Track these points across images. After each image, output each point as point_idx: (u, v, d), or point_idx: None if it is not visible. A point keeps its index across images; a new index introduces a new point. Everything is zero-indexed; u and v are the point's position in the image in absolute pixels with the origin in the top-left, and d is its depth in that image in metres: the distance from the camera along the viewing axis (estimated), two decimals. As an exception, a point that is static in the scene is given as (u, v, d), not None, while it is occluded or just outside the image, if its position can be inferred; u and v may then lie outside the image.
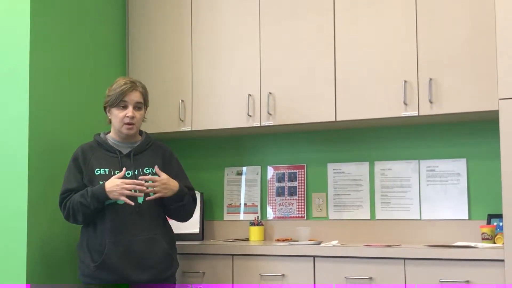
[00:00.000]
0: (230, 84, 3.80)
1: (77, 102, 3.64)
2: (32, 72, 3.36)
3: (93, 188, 3.03)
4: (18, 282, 3.21)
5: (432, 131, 3.66)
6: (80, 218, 3.07)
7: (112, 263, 3.04)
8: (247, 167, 4.12)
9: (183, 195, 3.16)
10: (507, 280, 2.85)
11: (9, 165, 3.34)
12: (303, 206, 3.94)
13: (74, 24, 3.68)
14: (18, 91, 3.35)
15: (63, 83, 3.57)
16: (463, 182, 3.57)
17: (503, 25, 2.95)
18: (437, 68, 3.33)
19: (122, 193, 2.98)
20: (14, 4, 3.42)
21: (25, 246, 3.23)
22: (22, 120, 3.32)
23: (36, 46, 3.39)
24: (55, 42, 3.54)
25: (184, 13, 3.96)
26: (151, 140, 3.29)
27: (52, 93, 3.49)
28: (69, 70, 3.62)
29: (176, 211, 3.21)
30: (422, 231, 3.61)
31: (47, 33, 3.48)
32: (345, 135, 3.86)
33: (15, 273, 3.23)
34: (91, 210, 3.02)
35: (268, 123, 3.70)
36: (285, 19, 3.69)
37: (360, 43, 3.51)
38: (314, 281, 3.26)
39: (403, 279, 3.09)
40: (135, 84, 3.18)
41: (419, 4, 3.39)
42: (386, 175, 3.74)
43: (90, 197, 3.00)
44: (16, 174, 3.31)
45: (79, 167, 3.14)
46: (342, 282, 3.19)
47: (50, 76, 3.49)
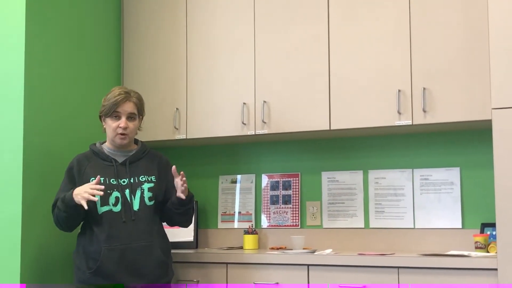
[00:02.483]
0: (225, 93, 3.81)
1: (72, 111, 3.64)
2: (27, 80, 3.36)
3: (66, 193, 3.05)
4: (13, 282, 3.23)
5: (425, 140, 3.67)
6: (62, 224, 3.11)
7: (108, 270, 3.05)
8: (242, 175, 4.12)
9: (192, 196, 3.21)
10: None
11: (4, 171, 3.33)
12: (297, 214, 3.94)
13: (70, 33, 3.69)
14: (13, 99, 3.35)
15: (58, 92, 3.58)
16: (456, 191, 3.58)
17: (496, 35, 2.97)
18: (431, 77, 3.35)
19: (83, 196, 2.98)
20: (9, 12, 3.42)
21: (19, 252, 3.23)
22: (17, 128, 3.31)
23: (31, 55, 3.39)
24: (50, 51, 3.54)
25: (179, 22, 3.97)
26: (147, 148, 3.30)
27: (47, 101, 3.49)
28: (64, 79, 3.62)
29: (182, 214, 3.22)
30: (416, 239, 3.62)
31: (42, 42, 3.48)
32: (339, 143, 3.87)
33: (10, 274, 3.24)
34: (65, 215, 3.04)
35: (263, 132, 3.70)
36: (280, 27, 3.71)
37: (355, 52, 3.52)
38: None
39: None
40: (129, 94, 3.19)
41: (413, 14, 3.41)
42: (380, 184, 3.76)
43: (61, 201, 3.05)
44: (11, 180, 3.30)
45: (72, 177, 3.16)
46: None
47: (45, 85, 3.49)
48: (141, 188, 3.15)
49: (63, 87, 3.61)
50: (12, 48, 3.39)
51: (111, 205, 3.10)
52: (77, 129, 3.63)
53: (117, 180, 3.14)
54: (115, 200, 3.11)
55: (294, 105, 3.64)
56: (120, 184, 3.13)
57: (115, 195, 3.11)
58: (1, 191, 3.33)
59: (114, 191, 3.12)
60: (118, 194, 3.12)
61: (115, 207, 3.10)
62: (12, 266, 3.24)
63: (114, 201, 3.11)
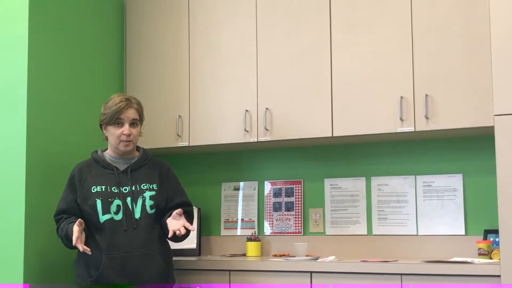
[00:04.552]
0: (227, 100, 3.82)
1: (75, 117, 3.65)
2: (30, 87, 3.37)
3: (69, 227, 3.04)
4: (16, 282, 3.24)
5: (428, 146, 3.67)
6: (66, 246, 3.11)
7: (108, 278, 3.05)
8: (244, 183, 4.12)
9: (188, 234, 3.16)
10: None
11: (8, 175, 3.35)
12: (300, 221, 3.94)
13: (73, 40, 3.70)
14: (16, 105, 3.36)
15: (61, 98, 3.59)
16: (459, 198, 3.58)
17: (498, 42, 2.97)
18: (433, 84, 3.35)
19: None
20: (12, 18, 3.44)
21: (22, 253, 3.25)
22: (20, 133, 3.33)
23: (34, 62, 3.40)
24: (53, 58, 3.55)
25: (182, 29, 3.98)
26: (149, 155, 3.30)
27: (50, 108, 3.50)
28: (67, 85, 3.63)
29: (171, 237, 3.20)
30: (418, 246, 3.61)
31: (45, 49, 3.50)
32: (342, 150, 3.87)
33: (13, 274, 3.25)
34: (70, 245, 3.04)
35: (265, 139, 3.71)
36: (282, 35, 3.72)
37: (357, 59, 3.53)
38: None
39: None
40: (130, 101, 3.19)
41: (415, 20, 3.41)
42: (383, 191, 3.75)
43: (65, 236, 3.06)
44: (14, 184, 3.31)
45: (73, 187, 3.17)
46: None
47: (48, 92, 3.50)
48: (142, 196, 3.15)
49: (66, 94, 3.62)
50: (16, 54, 3.40)
51: (113, 213, 3.10)
52: (80, 135, 3.64)
53: (119, 188, 3.14)
54: (116, 208, 3.11)
55: (297, 112, 3.64)
56: (121, 192, 3.13)
57: (116, 203, 3.11)
58: (5, 195, 3.34)
59: (116, 199, 3.12)
60: (120, 202, 3.11)
61: (117, 215, 3.10)
62: (15, 266, 3.24)
63: (115, 209, 3.11)
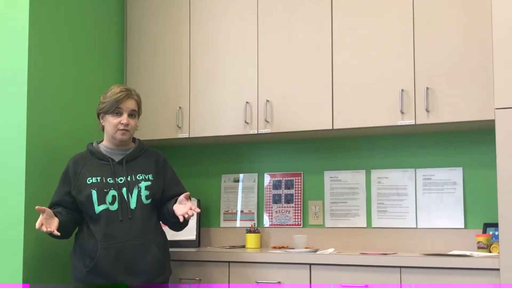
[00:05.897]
0: (228, 92, 3.82)
1: (75, 110, 3.65)
2: (30, 80, 3.35)
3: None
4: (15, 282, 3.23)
5: (428, 140, 3.67)
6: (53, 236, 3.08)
7: (104, 268, 3.06)
8: (244, 174, 4.12)
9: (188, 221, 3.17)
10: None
11: (7, 170, 3.34)
12: (299, 213, 3.94)
13: (73, 33, 3.69)
14: (16, 99, 3.35)
15: (62, 91, 3.58)
16: (459, 191, 3.58)
17: (499, 35, 2.96)
18: (434, 77, 3.35)
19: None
20: (13, 12, 3.42)
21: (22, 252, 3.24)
22: (20, 127, 3.32)
23: (34, 55, 3.39)
24: (53, 51, 3.54)
25: (182, 21, 3.97)
26: (144, 146, 3.30)
27: (50, 101, 3.49)
28: (67, 78, 3.62)
29: (175, 225, 3.22)
30: (418, 239, 3.62)
31: (45, 43, 3.49)
32: (342, 143, 3.87)
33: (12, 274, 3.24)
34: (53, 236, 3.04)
35: (265, 131, 3.70)
36: (283, 27, 3.71)
37: (357, 52, 3.52)
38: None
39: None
40: (131, 92, 3.20)
41: (416, 13, 3.41)
42: (383, 183, 3.75)
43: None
44: (14, 179, 3.30)
45: (67, 179, 3.17)
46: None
47: (48, 85, 3.49)
48: (138, 187, 3.15)
49: (66, 87, 3.62)
50: (16, 48, 3.39)
51: (108, 203, 3.10)
52: (80, 129, 3.63)
53: (114, 179, 3.14)
54: (112, 199, 3.11)
55: (297, 105, 3.64)
56: (117, 182, 3.13)
57: (112, 193, 3.11)
58: (4, 191, 3.34)
59: (111, 190, 3.12)
60: (115, 193, 3.12)
61: (112, 206, 3.10)
62: (14, 265, 3.24)
63: (111, 200, 3.11)
